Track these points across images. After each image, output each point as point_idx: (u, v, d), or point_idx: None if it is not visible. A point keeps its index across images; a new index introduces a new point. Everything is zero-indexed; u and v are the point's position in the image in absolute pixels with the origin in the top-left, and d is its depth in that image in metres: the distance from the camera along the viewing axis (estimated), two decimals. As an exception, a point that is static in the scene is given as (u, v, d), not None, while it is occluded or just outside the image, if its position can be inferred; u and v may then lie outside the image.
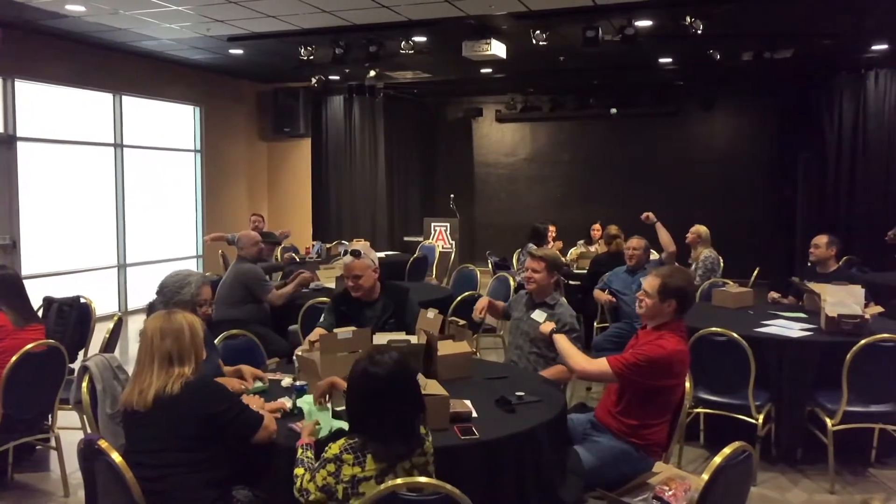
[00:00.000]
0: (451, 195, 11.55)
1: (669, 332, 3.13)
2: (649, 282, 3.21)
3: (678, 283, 3.16)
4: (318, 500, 2.23)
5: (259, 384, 3.28)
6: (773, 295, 5.50)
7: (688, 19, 6.81)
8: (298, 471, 2.30)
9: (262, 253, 6.41)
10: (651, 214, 6.23)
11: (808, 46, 8.48)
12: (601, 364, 3.13)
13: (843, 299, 4.38)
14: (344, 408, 2.45)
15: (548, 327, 3.62)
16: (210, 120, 10.89)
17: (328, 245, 8.81)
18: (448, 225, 11.17)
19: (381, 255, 9.07)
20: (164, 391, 2.48)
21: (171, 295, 3.30)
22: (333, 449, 2.23)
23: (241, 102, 11.58)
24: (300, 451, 2.39)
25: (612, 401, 3.22)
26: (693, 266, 6.96)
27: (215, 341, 3.83)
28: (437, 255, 10.15)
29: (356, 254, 4.03)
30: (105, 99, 9.30)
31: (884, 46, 8.86)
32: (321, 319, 4.14)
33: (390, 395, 2.25)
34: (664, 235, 5.99)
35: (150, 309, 3.43)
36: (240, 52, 9.11)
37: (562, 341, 3.39)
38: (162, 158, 10.30)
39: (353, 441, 2.23)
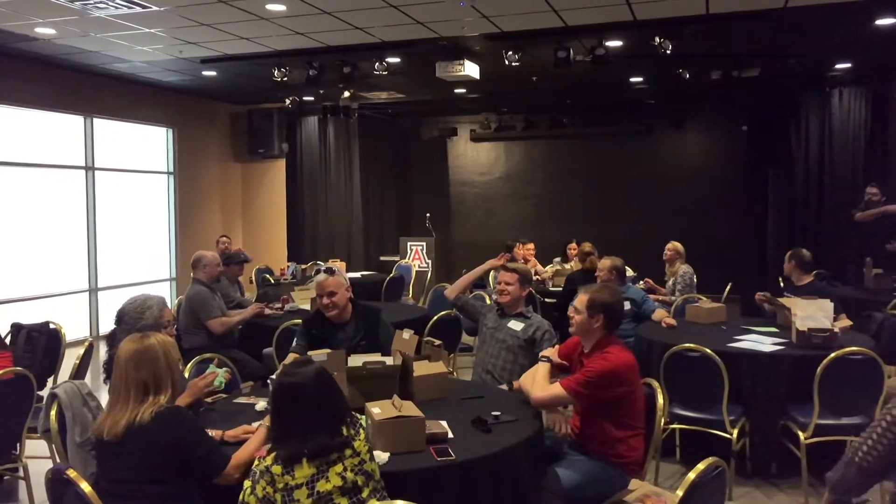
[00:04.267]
0: (427, 214, 11.58)
1: (612, 346, 3.19)
2: (579, 298, 3.30)
3: (605, 298, 3.24)
4: None
5: (219, 373, 3.24)
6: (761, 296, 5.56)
7: (657, 39, 6.93)
8: (246, 483, 2.27)
9: (230, 274, 6.34)
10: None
11: (774, 66, 8.68)
12: (555, 389, 3.15)
13: (812, 313, 4.44)
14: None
15: (547, 351, 3.56)
16: (183, 142, 10.83)
17: (303, 266, 8.76)
18: (424, 244, 11.18)
19: (357, 275, 9.06)
20: (134, 421, 2.43)
21: (134, 322, 3.26)
22: (267, 461, 2.24)
23: (214, 124, 11.54)
24: (256, 461, 2.33)
25: (577, 423, 3.26)
26: (671, 281, 7.05)
27: (188, 365, 3.79)
28: (413, 274, 10.14)
29: (330, 271, 4.01)
30: (76, 121, 9.22)
31: (847, 65, 9.10)
32: (294, 344, 4.11)
33: (298, 402, 2.28)
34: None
35: (111, 339, 3.36)
36: (213, 73, 9.09)
37: (541, 371, 3.34)
38: (134, 181, 10.21)
39: (280, 452, 2.24)
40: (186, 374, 3.70)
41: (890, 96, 9.04)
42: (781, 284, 6.68)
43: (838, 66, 9.13)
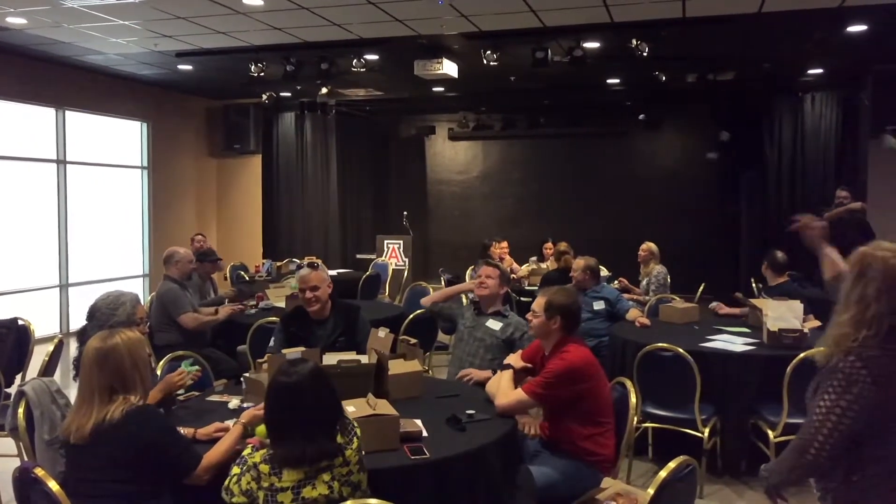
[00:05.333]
0: (405, 212, 11.56)
1: (569, 345, 3.24)
2: (536, 301, 3.38)
3: (561, 300, 3.30)
4: (240, 502, 2.20)
5: (187, 368, 3.22)
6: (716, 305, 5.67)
7: (634, 42, 6.99)
8: (234, 469, 2.25)
9: (202, 272, 6.29)
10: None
11: (748, 70, 8.79)
12: (517, 394, 3.17)
13: (783, 314, 4.52)
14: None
15: (510, 358, 3.56)
16: (158, 136, 10.70)
17: (278, 264, 8.70)
18: (401, 242, 11.16)
19: (334, 272, 9.01)
20: (103, 421, 2.39)
21: (106, 318, 3.22)
22: (255, 457, 2.22)
23: (189, 118, 11.41)
24: (248, 449, 2.32)
25: (546, 425, 3.30)
26: (645, 281, 7.12)
27: (160, 363, 3.75)
28: (390, 272, 10.12)
29: (313, 265, 4.00)
30: (47, 114, 9.06)
31: (819, 71, 9.25)
32: (271, 342, 4.08)
33: (299, 403, 2.25)
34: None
35: (82, 335, 3.32)
36: (189, 67, 9.00)
37: (504, 378, 3.34)
38: (107, 175, 10.07)
39: (272, 452, 2.22)
40: (159, 372, 3.67)
41: (860, 102, 9.21)
42: (753, 285, 6.80)
43: (810, 71, 9.28)
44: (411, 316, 5.57)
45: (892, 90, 8.46)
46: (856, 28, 6.89)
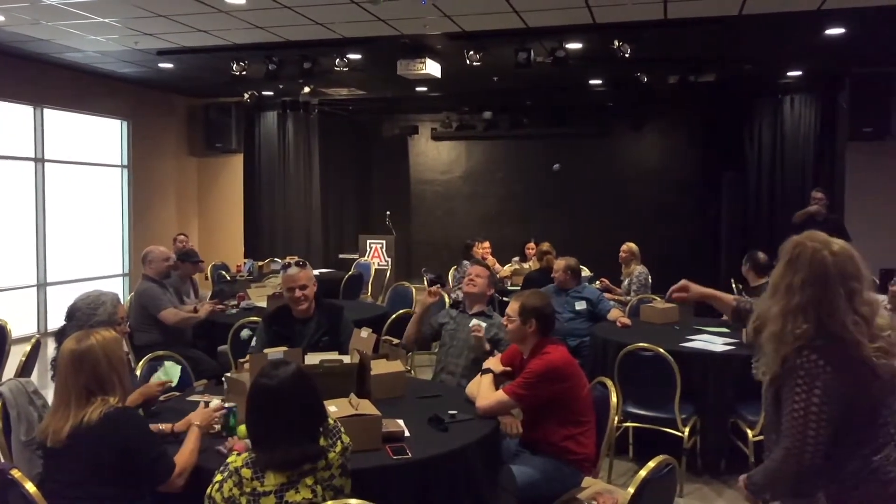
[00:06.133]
0: (388, 212, 11.54)
1: (548, 346, 3.26)
2: (510, 306, 3.39)
3: (535, 303, 3.32)
4: None
5: (166, 367, 3.20)
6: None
7: (616, 43, 7.03)
8: (217, 476, 2.22)
9: (183, 272, 6.24)
10: None
11: (729, 71, 8.87)
12: (499, 396, 3.18)
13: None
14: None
15: (489, 362, 3.53)
16: (138, 135, 10.60)
17: (260, 263, 8.65)
18: (384, 242, 11.15)
19: (316, 272, 8.94)
20: (80, 423, 2.36)
21: (86, 318, 3.19)
22: (237, 462, 2.20)
23: (170, 117, 11.31)
24: (232, 455, 2.30)
25: (527, 424, 3.31)
26: (626, 281, 7.16)
27: (140, 363, 3.72)
28: (372, 272, 10.10)
29: (301, 264, 3.99)
30: (25, 111, 8.95)
31: (798, 73, 9.36)
32: (253, 342, 4.06)
33: (282, 406, 2.22)
34: None
35: (60, 335, 3.28)
36: (170, 65, 8.92)
37: (484, 381, 3.34)
38: (87, 174, 9.95)
39: (254, 456, 2.21)
40: (139, 372, 3.64)
41: (837, 104, 9.33)
42: (734, 286, 6.86)
43: (790, 73, 9.39)
44: (394, 316, 5.58)
45: (869, 93, 8.57)
46: (834, 31, 6.98)
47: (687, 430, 4.21)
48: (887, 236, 8.47)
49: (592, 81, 9.90)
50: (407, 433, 2.81)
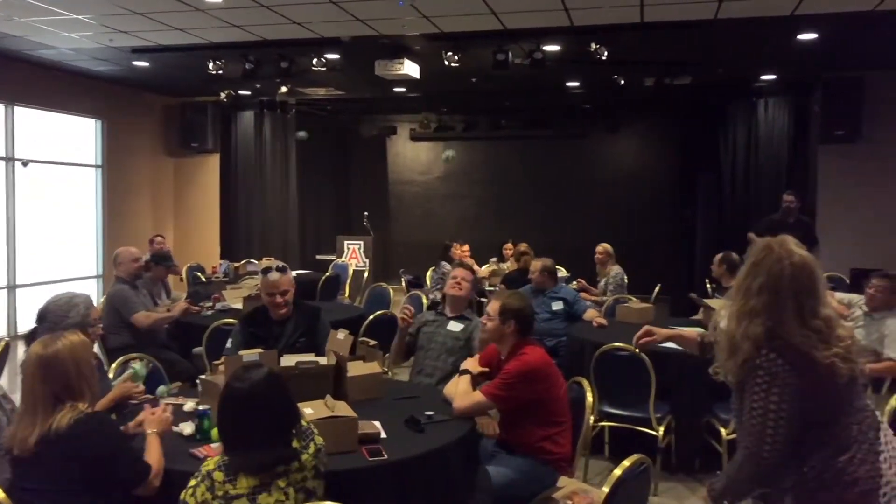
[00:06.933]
0: (366, 213, 11.51)
1: (526, 347, 3.28)
2: (491, 305, 3.41)
3: (515, 304, 3.35)
4: None
5: (130, 371, 3.16)
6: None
7: (593, 46, 7.08)
8: (192, 480, 2.20)
9: (156, 275, 6.18)
10: None
11: (704, 75, 8.97)
12: (476, 396, 3.19)
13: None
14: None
15: (467, 363, 3.54)
16: (113, 134, 10.47)
17: (236, 265, 8.58)
18: (362, 243, 11.11)
19: (293, 273, 8.91)
20: (49, 430, 2.30)
21: (59, 320, 3.13)
22: (209, 465, 2.19)
23: (146, 116, 11.19)
24: (209, 461, 2.28)
25: (504, 424, 3.32)
26: (603, 282, 7.21)
27: (113, 365, 3.68)
28: (350, 273, 10.07)
29: (282, 269, 3.96)
30: (-4, 109, 8.81)
31: (772, 77, 9.49)
32: (228, 343, 4.02)
33: (254, 409, 2.21)
34: None
35: (31, 338, 3.22)
36: (145, 64, 8.82)
37: (462, 382, 3.34)
38: (60, 173, 9.81)
39: (226, 459, 2.19)
40: (111, 375, 3.59)
41: (810, 108, 9.47)
42: (707, 286, 6.94)
43: (764, 77, 9.51)
44: (371, 317, 5.56)
45: (840, 97, 8.72)
46: (806, 36, 7.09)
47: (662, 429, 4.25)
48: (858, 237, 8.63)
49: (570, 84, 9.96)
50: (383, 434, 2.80)
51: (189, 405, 3.18)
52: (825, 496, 2.06)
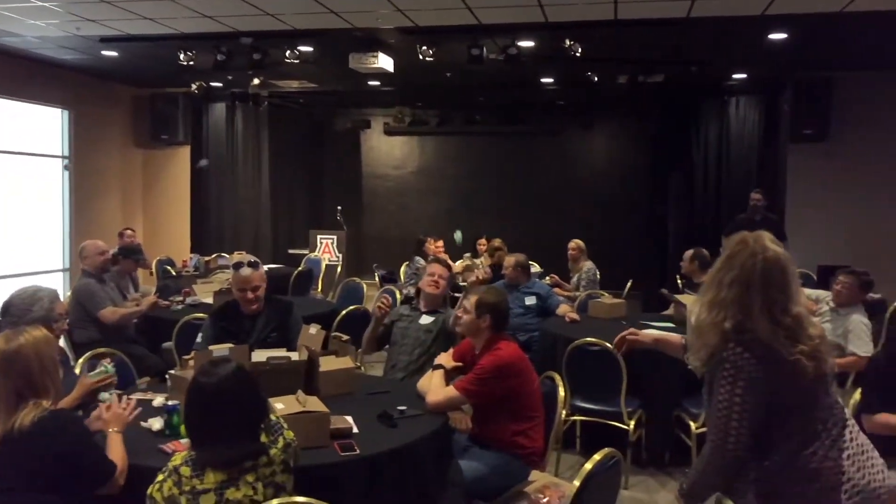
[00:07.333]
0: (339, 207, 11.44)
1: (500, 342, 3.30)
2: (469, 299, 3.42)
3: (492, 299, 3.37)
4: None
5: (101, 369, 3.10)
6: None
7: (567, 42, 7.10)
8: (159, 476, 2.17)
9: (124, 269, 6.08)
10: None
11: (677, 72, 9.05)
12: (449, 391, 3.19)
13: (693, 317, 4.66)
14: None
15: (441, 358, 3.55)
16: (80, 125, 10.25)
17: (207, 258, 8.48)
18: (335, 237, 11.05)
19: (265, 268, 8.84)
20: (12, 428, 2.25)
21: (22, 314, 3.07)
22: (176, 460, 2.17)
23: (115, 107, 10.98)
24: (176, 456, 2.24)
25: (477, 419, 3.33)
26: (576, 277, 7.25)
27: (80, 361, 3.61)
28: (322, 268, 10.01)
29: (254, 264, 3.93)
30: (-41, 98, 8.59)
31: (743, 76, 9.61)
32: (198, 338, 3.98)
33: (221, 404, 2.19)
34: None
35: None
36: (113, 53, 8.65)
37: (436, 377, 3.34)
38: (25, 164, 9.60)
39: (193, 454, 2.18)
40: (77, 370, 3.53)
41: (780, 107, 9.61)
42: (679, 282, 7.02)
43: (735, 76, 9.62)
44: (344, 312, 5.53)
45: (809, 97, 8.86)
46: (777, 36, 7.18)
47: (632, 423, 4.29)
48: (826, 235, 8.78)
49: (544, 80, 9.98)
50: (355, 429, 2.79)
51: (158, 400, 3.14)
52: (786, 490, 2.08)
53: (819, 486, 2.05)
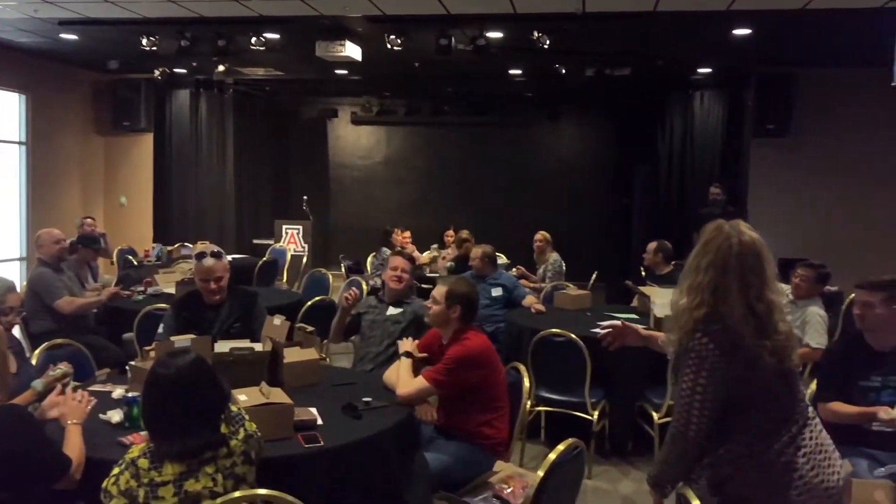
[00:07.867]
0: (305, 197, 11.34)
1: (468, 332, 3.31)
2: (437, 289, 3.44)
3: (462, 289, 3.38)
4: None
5: (60, 370, 3.03)
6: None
7: (535, 34, 7.11)
8: (114, 469, 2.13)
9: (82, 257, 5.95)
10: None
11: (643, 66, 9.13)
12: (418, 382, 3.19)
13: (669, 301, 4.72)
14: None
15: (406, 346, 3.53)
16: (38, 109, 9.97)
17: (169, 248, 8.34)
18: (301, 228, 10.95)
19: (229, 258, 8.72)
20: None
21: (-27, 307, 2.99)
22: (133, 452, 2.14)
23: (75, 92, 10.71)
24: (134, 448, 2.21)
25: (441, 411, 3.34)
26: (542, 269, 7.30)
27: (36, 352, 3.53)
28: (288, 258, 9.91)
29: (218, 255, 3.87)
30: None
31: (708, 70, 9.73)
32: (160, 329, 3.91)
33: (180, 395, 2.16)
34: None
35: None
36: (73, 37, 8.43)
37: (403, 366, 3.31)
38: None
39: (151, 446, 2.15)
40: (34, 362, 3.44)
41: (744, 101, 9.75)
42: (643, 273, 7.10)
43: (700, 70, 9.74)
44: (309, 303, 5.49)
45: (772, 92, 9.00)
46: (741, 31, 7.27)
47: (596, 413, 4.34)
48: (787, 228, 8.94)
49: (512, 71, 9.99)
50: (320, 421, 2.77)
51: (118, 392, 3.08)
52: (737, 479, 2.12)
53: (769, 479, 2.09)
